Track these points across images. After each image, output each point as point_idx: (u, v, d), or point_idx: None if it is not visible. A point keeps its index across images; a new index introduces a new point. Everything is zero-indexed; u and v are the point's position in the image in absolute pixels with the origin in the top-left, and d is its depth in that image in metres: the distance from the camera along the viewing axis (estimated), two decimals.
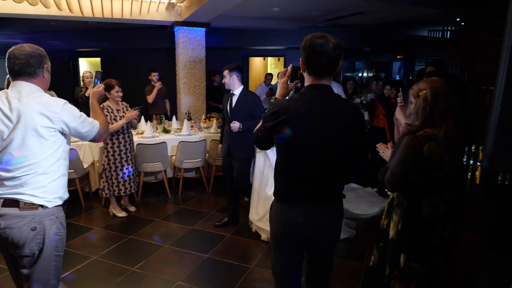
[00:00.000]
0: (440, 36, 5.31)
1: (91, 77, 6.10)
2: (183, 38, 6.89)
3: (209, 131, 5.45)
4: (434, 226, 1.88)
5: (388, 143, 2.16)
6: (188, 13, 6.20)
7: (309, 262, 1.88)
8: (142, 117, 5.77)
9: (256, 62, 11.65)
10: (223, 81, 3.72)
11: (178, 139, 4.99)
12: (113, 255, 3.34)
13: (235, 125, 3.60)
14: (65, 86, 9.31)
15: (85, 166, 4.50)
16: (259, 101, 3.77)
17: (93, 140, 1.97)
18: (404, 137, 1.84)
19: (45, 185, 1.76)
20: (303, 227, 1.71)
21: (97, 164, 4.67)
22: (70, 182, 4.33)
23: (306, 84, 1.69)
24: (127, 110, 4.09)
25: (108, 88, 3.89)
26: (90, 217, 4.29)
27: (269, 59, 11.70)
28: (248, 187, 3.89)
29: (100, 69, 11.06)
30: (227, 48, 9.98)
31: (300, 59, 1.68)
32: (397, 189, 1.97)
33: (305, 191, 1.70)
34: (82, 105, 5.74)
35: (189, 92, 7.08)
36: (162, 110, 6.44)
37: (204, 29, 7.05)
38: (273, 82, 8.10)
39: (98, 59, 11.18)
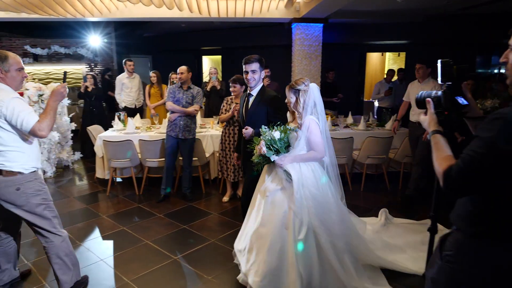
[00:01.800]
0: None
1: (215, 73, 6.62)
2: (300, 35, 6.92)
3: None
4: None
5: None
6: (307, 10, 6.19)
7: None
8: None
9: (372, 58, 11.08)
10: (247, 77, 3.16)
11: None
12: (230, 241, 3.53)
13: (247, 131, 3.06)
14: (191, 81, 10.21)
15: (207, 155, 4.87)
16: (279, 104, 3.09)
17: (30, 133, 2.36)
18: None
19: (18, 158, 2.38)
20: None
21: (217, 154, 5.03)
22: (194, 169, 4.78)
23: None
24: None
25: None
26: (209, 203, 4.64)
27: (387, 54, 11.01)
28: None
29: (216, 66, 11.88)
30: (344, 43, 9.68)
31: None
32: None
33: None
34: (207, 97, 6.31)
35: None
36: None
37: (321, 25, 6.96)
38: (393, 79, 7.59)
39: (219, 57, 11.97)
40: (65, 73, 2.85)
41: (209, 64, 12.13)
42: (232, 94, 4.39)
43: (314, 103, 2.62)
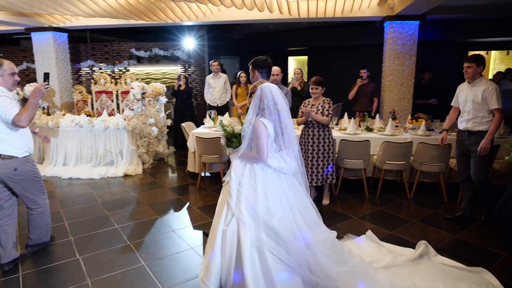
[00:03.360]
0: None
1: (300, 73, 6.63)
2: (393, 33, 6.57)
3: (416, 132, 5.03)
4: None
5: None
6: (402, 6, 5.84)
7: None
8: (346, 113, 5.86)
9: None
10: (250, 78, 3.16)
11: (381, 138, 4.81)
12: None
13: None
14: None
15: None
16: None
17: (12, 124, 2.90)
18: None
19: (12, 143, 2.99)
20: None
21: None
22: None
23: None
24: (328, 105, 4.22)
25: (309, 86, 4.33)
26: None
27: (493, 52, 9.87)
28: None
29: (302, 67, 11.83)
30: (441, 41, 8.94)
31: None
32: None
33: None
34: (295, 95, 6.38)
35: (394, 90, 6.73)
36: (366, 107, 6.38)
37: (417, 22, 6.52)
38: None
39: (305, 57, 11.93)
40: (46, 74, 3.17)
41: (295, 65, 12.17)
42: (312, 96, 4.34)
43: (275, 103, 2.54)
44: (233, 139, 2.79)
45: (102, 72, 9.58)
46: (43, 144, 6.30)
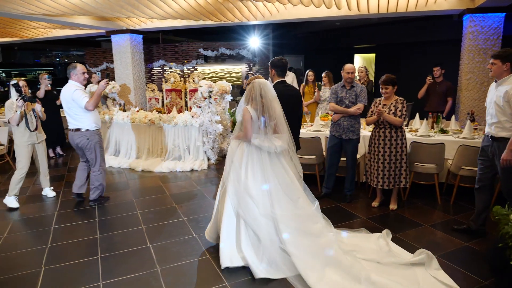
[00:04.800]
0: None
1: (364, 71, 6.42)
2: (473, 27, 6.05)
3: None
4: None
5: None
6: None
7: None
8: (417, 114, 5.55)
9: None
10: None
11: (458, 141, 4.47)
12: None
13: None
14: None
15: (358, 156, 4.74)
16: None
17: (84, 108, 4.20)
18: None
19: (85, 121, 4.31)
20: None
21: (366, 156, 4.83)
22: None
23: None
24: (401, 105, 4.00)
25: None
26: (355, 205, 4.51)
27: None
28: None
29: (369, 65, 11.37)
30: None
31: None
32: None
33: None
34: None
35: (473, 89, 6.20)
36: (438, 107, 5.96)
37: (503, 14, 5.93)
38: None
39: (372, 55, 11.49)
40: (107, 74, 3.81)
41: (360, 63, 11.76)
42: (383, 96, 4.14)
43: (261, 95, 3.05)
44: (235, 125, 3.39)
45: (172, 71, 10.09)
46: (119, 139, 6.80)
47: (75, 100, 4.20)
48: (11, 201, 4.52)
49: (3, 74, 14.58)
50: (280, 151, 3.10)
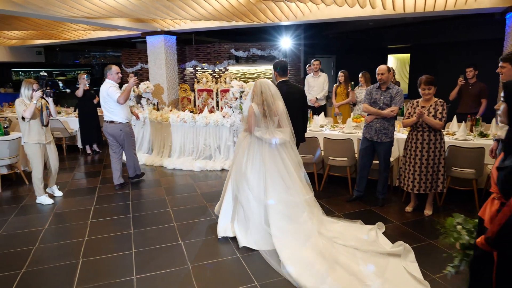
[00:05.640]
0: None
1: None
2: None
3: None
4: None
5: None
6: None
7: None
8: (455, 116, 5.36)
9: None
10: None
11: None
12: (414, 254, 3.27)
13: None
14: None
15: (391, 159, 4.62)
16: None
17: (116, 102, 4.94)
18: None
19: (118, 114, 5.04)
20: None
21: (401, 160, 4.71)
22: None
23: None
24: (441, 107, 3.85)
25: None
26: (388, 210, 4.40)
27: None
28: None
29: (403, 66, 11.05)
30: None
31: None
32: None
33: None
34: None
35: None
36: (470, 109, 5.71)
37: None
38: None
39: (406, 55, 11.18)
40: (135, 73, 3.97)
41: (394, 63, 11.47)
42: (423, 97, 4.00)
43: (261, 92, 3.44)
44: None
45: (204, 72, 10.25)
46: (153, 137, 6.99)
47: (109, 95, 4.93)
48: (43, 199, 4.73)
49: (46, 74, 15.31)
50: (280, 143, 3.47)
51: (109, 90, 4.93)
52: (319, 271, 2.90)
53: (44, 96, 4.52)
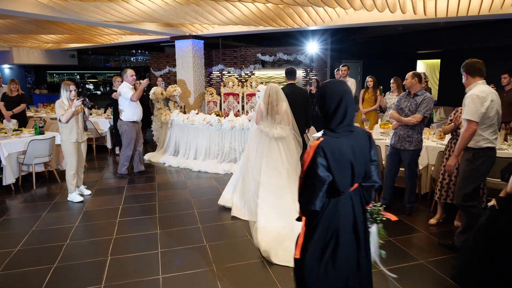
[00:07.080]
0: None
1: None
2: None
3: None
4: None
5: None
6: None
7: None
8: None
9: None
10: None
11: None
12: (442, 266, 3.18)
13: None
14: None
15: (420, 167, 4.51)
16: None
17: (130, 100, 5.65)
18: None
19: (123, 113, 5.83)
20: None
21: (432, 168, 4.58)
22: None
23: None
24: None
25: None
26: (415, 219, 4.29)
27: None
28: None
29: (433, 71, 10.77)
30: None
31: None
32: None
33: None
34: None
35: None
36: (505, 117, 5.48)
37: None
38: None
39: (436, 61, 10.90)
40: (147, 75, 3.93)
41: (424, 69, 11.20)
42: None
43: (269, 95, 4.08)
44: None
45: (230, 76, 10.35)
46: (179, 139, 7.11)
47: (123, 94, 5.63)
48: (73, 196, 4.92)
49: (78, 76, 15.87)
50: (277, 137, 4.06)
51: (123, 89, 5.65)
52: (280, 235, 3.53)
53: (83, 104, 4.80)
